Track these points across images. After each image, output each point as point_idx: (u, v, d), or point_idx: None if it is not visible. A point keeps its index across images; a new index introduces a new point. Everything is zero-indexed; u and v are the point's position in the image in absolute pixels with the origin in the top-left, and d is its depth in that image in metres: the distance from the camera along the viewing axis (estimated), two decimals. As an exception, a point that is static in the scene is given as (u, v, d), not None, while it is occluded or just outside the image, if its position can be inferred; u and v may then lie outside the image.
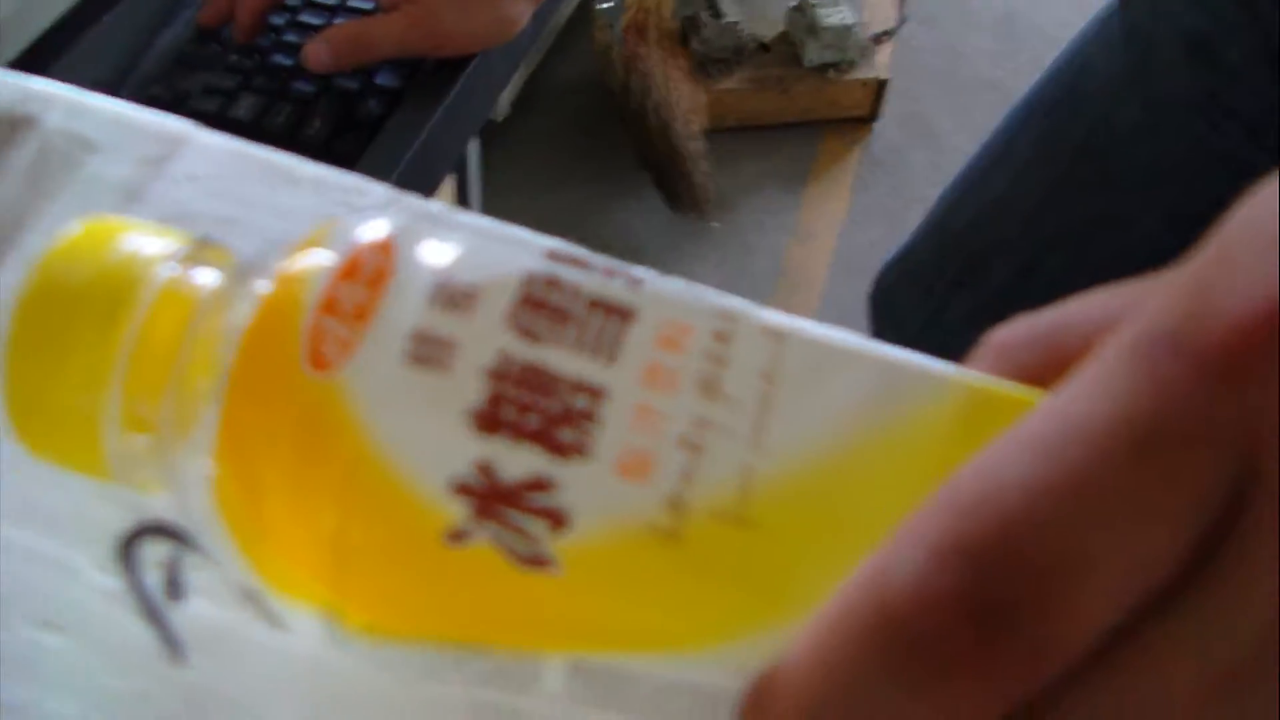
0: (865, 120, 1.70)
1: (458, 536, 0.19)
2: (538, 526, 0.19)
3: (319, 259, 0.21)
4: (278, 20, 0.66)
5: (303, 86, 0.63)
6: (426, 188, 0.68)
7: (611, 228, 1.54)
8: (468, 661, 0.20)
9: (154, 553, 0.26)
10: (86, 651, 0.25)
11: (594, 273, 0.21)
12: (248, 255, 0.23)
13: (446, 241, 0.22)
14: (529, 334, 0.20)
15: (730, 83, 1.60)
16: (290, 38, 0.65)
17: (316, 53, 0.62)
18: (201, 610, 0.26)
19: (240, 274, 0.22)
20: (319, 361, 0.20)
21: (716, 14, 1.59)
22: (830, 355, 0.21)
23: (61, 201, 0.31)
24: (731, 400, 0.20)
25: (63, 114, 0.32)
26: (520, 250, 0.22)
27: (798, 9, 1.61)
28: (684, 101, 1.49)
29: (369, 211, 0.22)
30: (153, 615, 0.26)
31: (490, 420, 0.20)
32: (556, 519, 0.19)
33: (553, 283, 0.21)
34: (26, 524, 0.26)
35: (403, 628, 0.21)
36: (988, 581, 0.15)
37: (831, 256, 1.57)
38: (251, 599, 0.22)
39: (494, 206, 0.88)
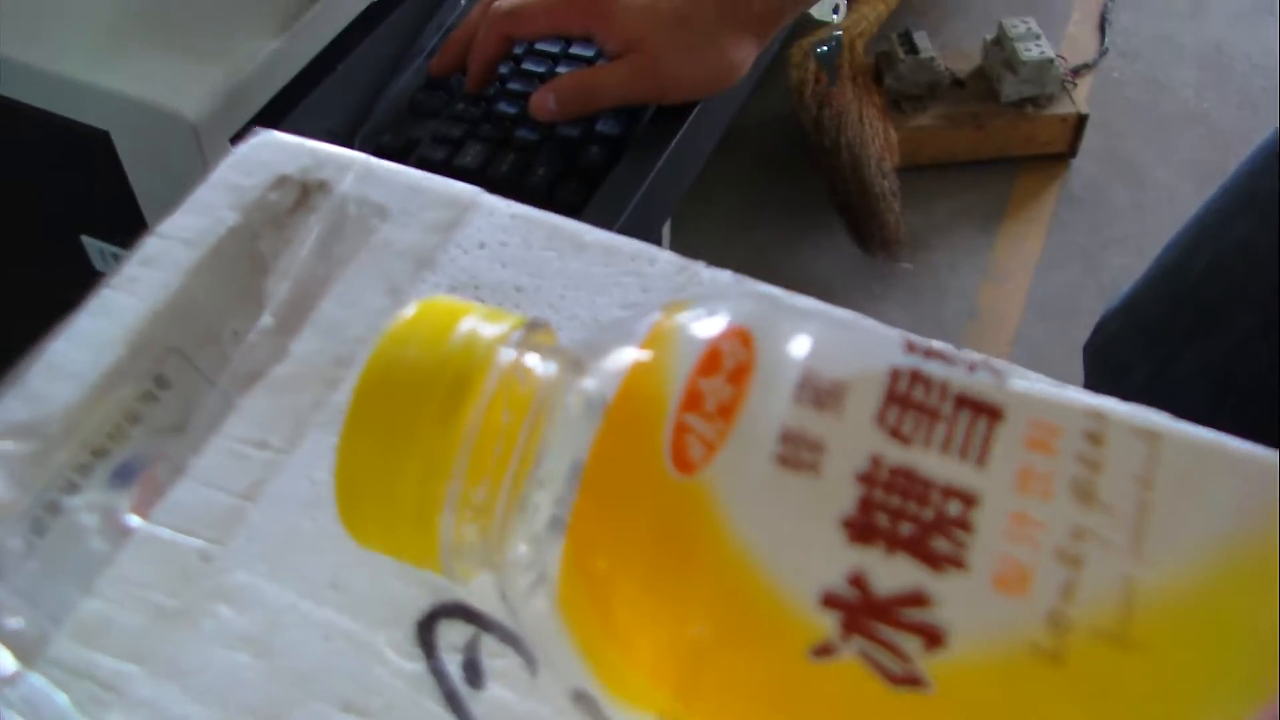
0: (1063, 157, 1.64)
1: (824, 651, 0.18)
2: (911, 644, 0.18)
3: (679, 347, 0.20)
4: (502, 69, 0.67)
5: (526, 134, 0.64)
6: (649, 235, 0.68)
7: (801, 267, 1.53)
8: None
9: (453, 635, 0.26)
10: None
11: (957, 367, 0.20)
12: (580, 339, 0.22)
13: (799, 330, 0.21)
14: (898, 435, 0.19)
15: (924, 119, 1.57)
16: (515, 86, 0.66)
17: (542, 102, 0.62)
18: (501, 697, 0.25)
19: (576, 361, 0.22)
20: (684, 462, 0.19)
21: (911, 49, 1.56)
22: (1206, 457, 0.19)
23: (355, 268, 0.31)
24: (1108, 507, 0.19)
25: (355, 179, 0.33)
26: (876, 340, 0.21)
27: (995, 43, 1.57)
28: (877, 139, 1.46)
29: (710, 300, 0.21)
30: (453, 701, 0.25)
31: (864, 529, 0.18)
32: (932, 636, 0.18)
33: (918, 378, 0.20)
34: (327, 602, 0.26)
35: None
36: None
37: (1026, 298, 1.52)
38: (582, 701, 0.22)
39: (684, 245, 0.87)
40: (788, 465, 0.19)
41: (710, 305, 0.21)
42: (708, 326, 0.21)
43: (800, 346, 0.20)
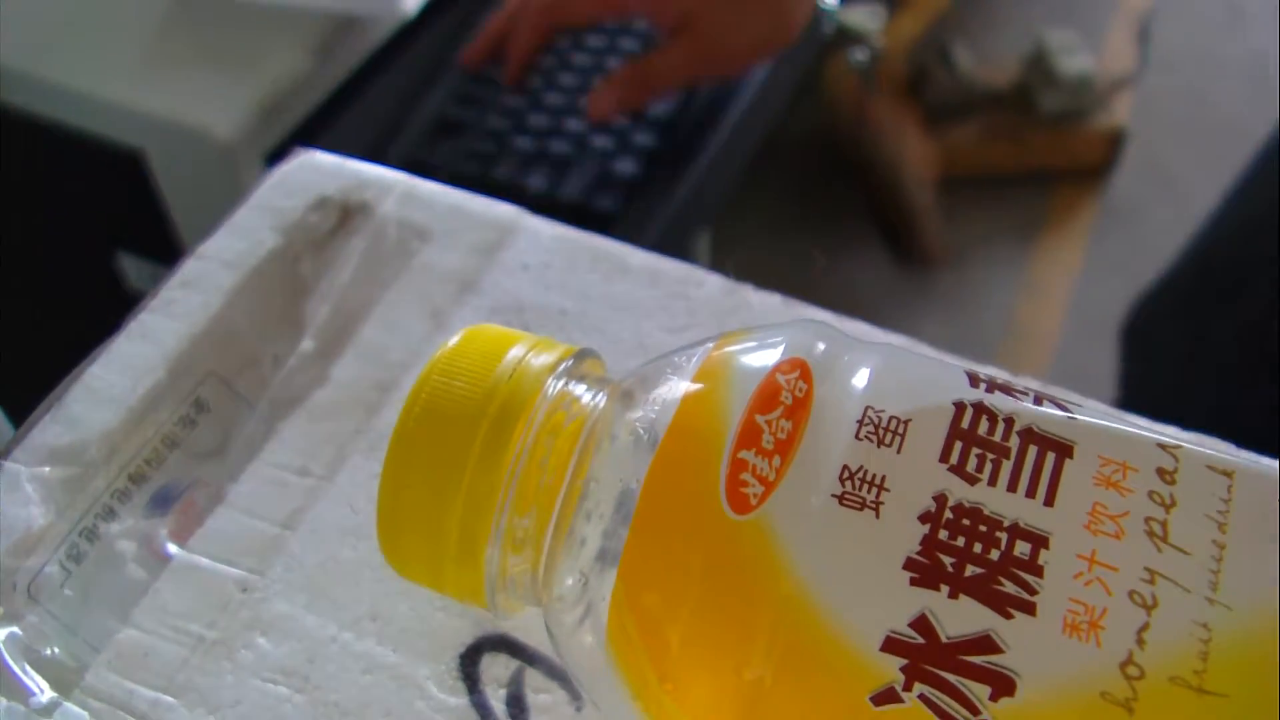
0: (1102, 170, 1.62)
1: (886, 698, 0.17)
2: (979, 691, 0.17)
3: (735, 379, 0.19)
4: (535, 84, 0.66)
5: (560, 146, 0.63)
6: (684, 248, 0.68)
7: (838, 281, 1.51)
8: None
9: (497, 669, 0.25)
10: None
11: (1023, 399, 0.19)
12: (630, 370, 0.22)
13: (858, 362, 0.20)
14: (963, 472, 0.18)
15: (962, 133, 1.56)
16: (550, 96, 0.65)
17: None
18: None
19: (626, 392, 0.21)
20: (739, 501, 0.18)
21: (948, 63, 1.55)
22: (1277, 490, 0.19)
23: (396, 290, 0.31)
24: (1182, 548, 0.18)
25: (397, 201, 0.32)
26: (939, 372, 0.20)
27: (1034, 56, 1.56)
28: (914, 152, 1.45)
29: (765, 330, 0.21)
30: (497, 734, 0.25)
31: (929, 571, 0.18)
32: (1000, 684, 0.17)
33: (983, 412, 0.19)
34: (368, 633, 0.26)
35: None
36: None
37: (1064, 313, 1.51)
38: None
39: (719, 261, 0.87)
40: (848, 504, 0.18)
41: (765, 335, 0.21)
42: (764, 358, 0.20)
43: (860, 379, 0.20)
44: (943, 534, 0.18)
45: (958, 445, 0.18)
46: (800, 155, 1.61)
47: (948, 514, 0.18)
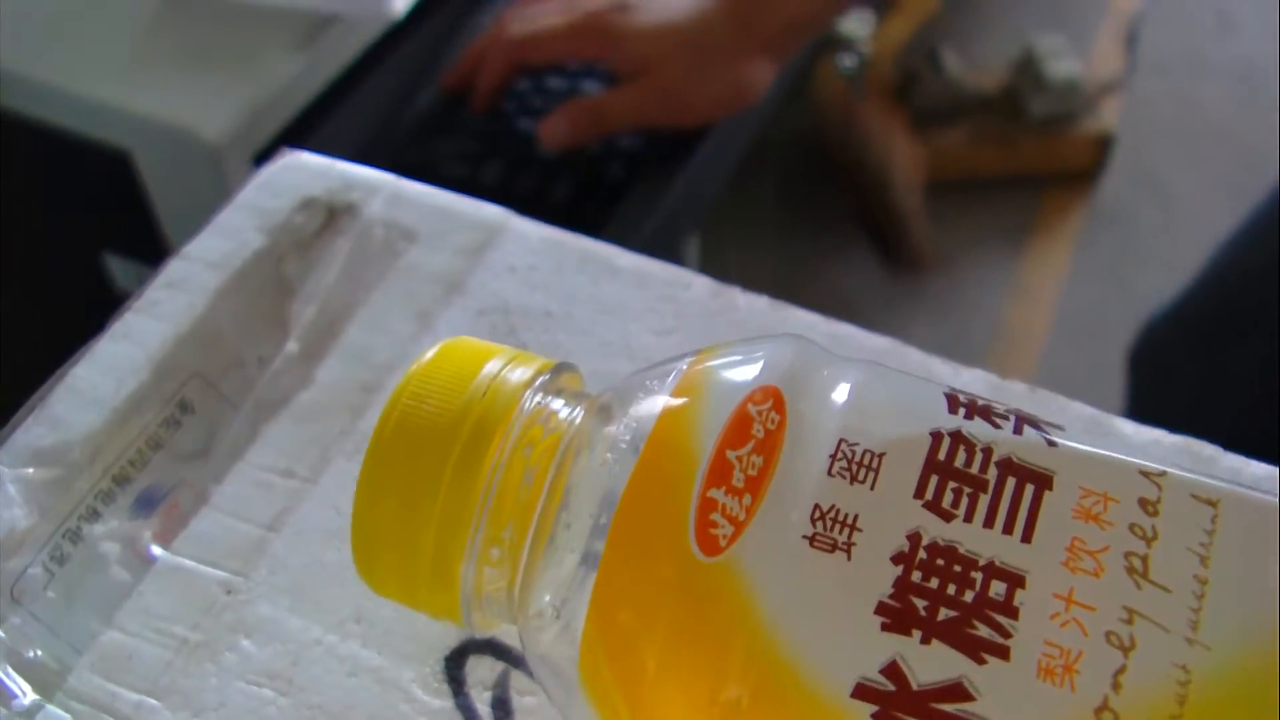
0: (1091, 174, 1.63)
1: None
2: None
3: (708, 405, 0.19)
4: (523, 85, 0.66)
5: (547, 151, 0.63)
6: (673, 252, 0.68)
7: (827, 284, 1.52)
8: None
9: (482, 672, 0.25)
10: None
11: (1004, 425, 0.19)
12: (608, 386, 0.21)
13: (835, 383, 0.20)
14: (939, 508, 0.18)
15: (951, 137, 1.56)
16: (537, 104, 0.65)
17: (553, 128, 0.61)
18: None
19: (603, 407, 0.21)
20: (708, 542, 0.18)
21: (936, 67, 1.55)
22: (1268, 525, 0.18)
23: (382, 291, 0.31)
24: (1162, 585, 0.17)
25: (383, 202, 0.32)
26: (917, 396, 0.20)
27: (1022, 61, 1.56)
28: (903, 156, 1.46)
29: (742, 347, 0.20)
30: (482, 737, 0.25)
31: (900, 616, 0.17)
32: None
33: (961, 441, 0.18)
34: (352, 636, 0.25)
35: None
36: None
37: (1052, 316, 1.51)
38: None
39: (708, 264, 0.86)
40: (819, 546, 0.18)
41: (741, 356, 0.20)
42: (736, 385, 0.19)
43: (834, 407, 0.19)
44: (916, 575, 0.17)
45: (934, 479, 0.18)
46: (789, 159, 1.62)
47: (921, 554, 0.17)
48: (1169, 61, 1.80)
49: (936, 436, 0.18)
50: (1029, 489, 0.18)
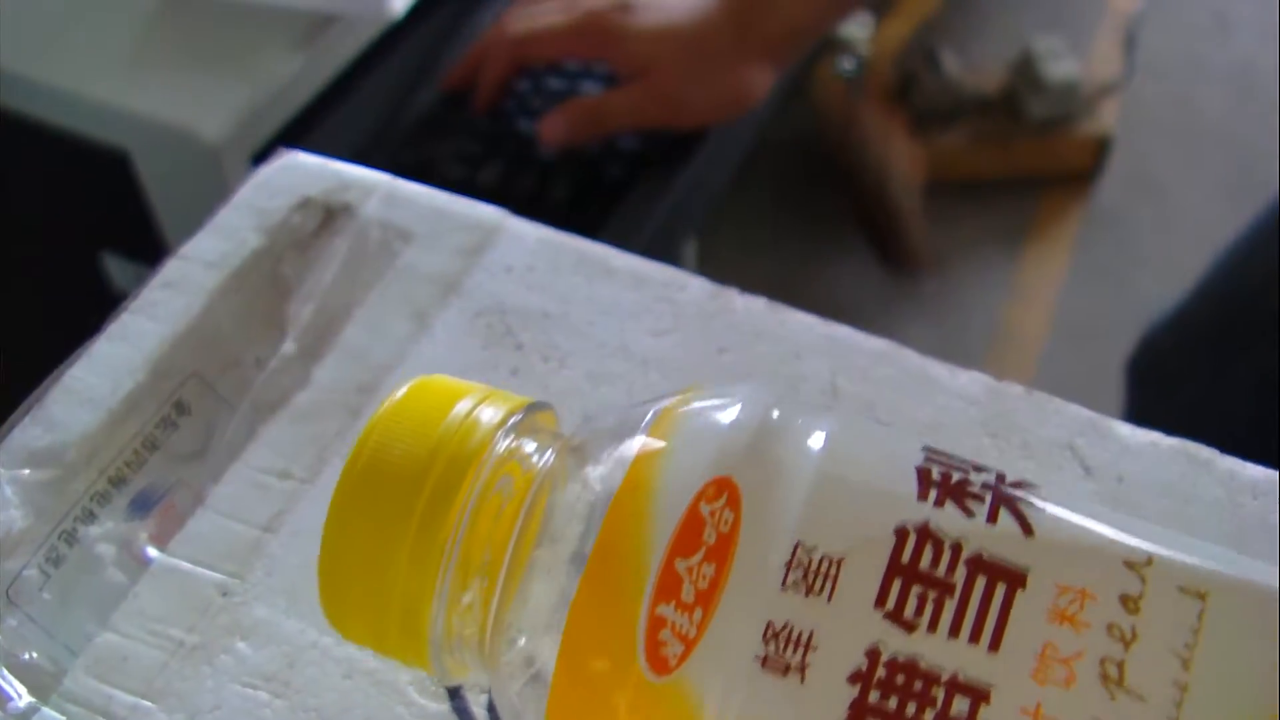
0: (1089, 176, 1.63)
1: None
2: None
3: (656, 507, 0.18)
4: (523, 85, 0.66)
5: (546, 152, 0.63)
6: (671, 253, 0.68)
7: (824, 287, 1.52)
8: None
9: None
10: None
11: (977, 512, 0.18)
12: (579, 428, 0.21)
13: (797, 461, 0.18)
14: (900, 619, 0.17)
15: (949, 138, 1.56)
16: (537, 104, 0.65)
17: (552, 127, 0.61)
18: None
19: (577, 448, 0.20)
20: (658, 661, 0.17)
21: (935, 69, 1.55)
22: (1260, 618, 0.17)
23: (379, 292, 0.31)
24: (1138, 694, 0.16)
25: (380, 202, 0.32)
26: (887, 477, 0.18)
27: (1021, 62, 1.56)
28: (901, 158, 1.46)
29: (700, 417, 0.19)
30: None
31: None
32: None
33: (928, 538, 0.17)
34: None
35: None
36: None
37: (1050, 318, 1.51)
38: None
39: (709, 264, 0.86)
40: (771, 669, 0.17)
41: (702, 421, 0.19)
42: (689, 481, 0.18)
43: (794, 500, 0.18)
44: (874, 696, 0.17)
45: (896, 584, 0.17)
46: (788, 161, 1.62)
47: (880, 671, 0.17)
48: (1167, 64, 1.80)
49: (901, 535, 0.17)
50: (1000, 589, 0.17)
